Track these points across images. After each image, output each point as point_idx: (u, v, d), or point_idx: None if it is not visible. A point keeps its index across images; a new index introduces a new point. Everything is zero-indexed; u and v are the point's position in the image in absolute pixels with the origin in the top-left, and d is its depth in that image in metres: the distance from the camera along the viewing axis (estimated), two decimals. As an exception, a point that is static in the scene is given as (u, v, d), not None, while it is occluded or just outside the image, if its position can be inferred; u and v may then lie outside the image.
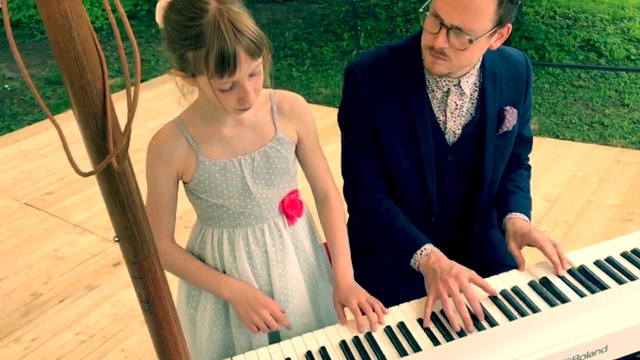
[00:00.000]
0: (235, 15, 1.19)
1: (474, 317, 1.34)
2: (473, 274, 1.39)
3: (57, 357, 2.53)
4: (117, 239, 0.79)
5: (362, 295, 1.41)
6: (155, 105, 4.78)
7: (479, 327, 1.32)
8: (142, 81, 4.96)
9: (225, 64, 1.18)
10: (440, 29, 1.37)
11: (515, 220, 1.56)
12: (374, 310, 1.38)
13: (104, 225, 3.42)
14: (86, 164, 0.71)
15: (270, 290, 1.51)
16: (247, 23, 1.20)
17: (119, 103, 0.70)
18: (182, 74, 1.27)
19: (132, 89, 0.68)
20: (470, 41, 1.36)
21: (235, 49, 1.17)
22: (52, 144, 4.49)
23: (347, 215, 1.70)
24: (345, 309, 1.43)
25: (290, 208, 1.49)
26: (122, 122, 0.73)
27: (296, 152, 1.50)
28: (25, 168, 4.21)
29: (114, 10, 0.60)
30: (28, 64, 6.47)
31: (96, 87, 0.66)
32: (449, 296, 1.35)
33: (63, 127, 0.69)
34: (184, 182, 1.44)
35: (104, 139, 0.69)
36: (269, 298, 1.46)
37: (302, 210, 1.54)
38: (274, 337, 1.54)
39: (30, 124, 4.98)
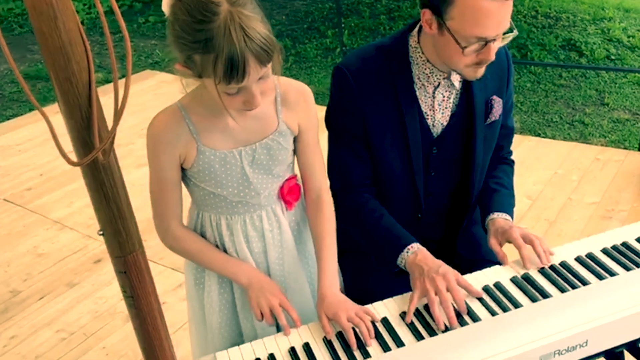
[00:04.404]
0: (247, 20, 1.15)
1: (457, 314, 1.34)
2: (458, 274, 1.39)
3: (36, 355, 2.50)
4: (101, 232, 0.78)
5: (351, 309, 1.35)
6: (136, 102, 4.72)
7: (462, 323, 1.33)
8: (123, 77, 4.92)
9: (234, 72, 1.15)
10: (487, 43, 1.38)
11: (497, 220, 1.58)
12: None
13: (84, 222, 3.39)
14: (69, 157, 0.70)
15: (267, 274, 1.50)
16: (259, 28, 1.16)
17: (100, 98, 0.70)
18: (188, 71, 1.24)
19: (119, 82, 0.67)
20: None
21: (245, 56, 1.14)
22: (31, 140, 4.42)
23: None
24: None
25: (290, 194, 1.48)
26: (106, 114, 0.72)
27: (295, 144, 1.48)
28: (3, 164, 4.14)
29: (109, 6, 0.59)
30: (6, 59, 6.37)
31: (81, 79, 0.66)
32: (436, 294, 1.34)
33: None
34: (182, 168, 1.42)
35: (88, 131, 0.68)
36: (282, 292, 1.44)
37: (300, 194, 1.53)
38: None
39: (8, 119, 4.90)
